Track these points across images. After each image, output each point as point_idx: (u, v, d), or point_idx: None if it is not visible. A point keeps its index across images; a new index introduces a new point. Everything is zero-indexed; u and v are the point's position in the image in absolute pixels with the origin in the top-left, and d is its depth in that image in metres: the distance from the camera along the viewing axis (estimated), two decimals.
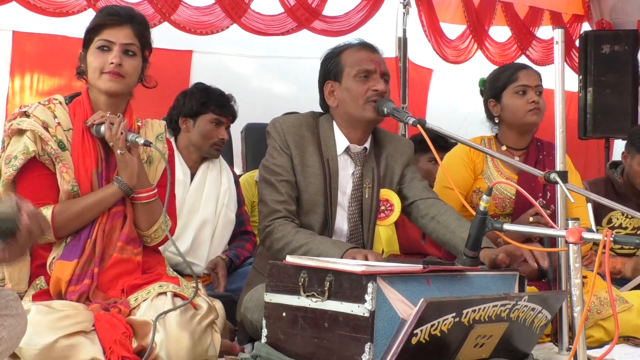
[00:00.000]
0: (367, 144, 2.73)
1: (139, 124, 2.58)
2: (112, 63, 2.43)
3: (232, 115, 3.50)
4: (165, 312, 2.27)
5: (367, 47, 2.72)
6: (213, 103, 3.41)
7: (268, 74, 6.38)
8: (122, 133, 2.40)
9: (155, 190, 2.51)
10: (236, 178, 3.62)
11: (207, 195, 3.40)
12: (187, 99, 3.43)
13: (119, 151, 2.39)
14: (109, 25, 2.45)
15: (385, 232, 2.67)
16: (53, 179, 2.40)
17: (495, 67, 6.96)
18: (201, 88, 3.48)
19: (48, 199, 2.39)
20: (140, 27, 2.51)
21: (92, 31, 2.46)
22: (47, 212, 2.35)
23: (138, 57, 2.49)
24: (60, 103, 2.48)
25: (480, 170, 3.17)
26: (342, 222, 2.68)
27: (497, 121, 3.23)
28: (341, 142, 2.69)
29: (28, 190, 2.36)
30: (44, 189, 2.39)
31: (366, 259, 2.28)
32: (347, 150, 2.70)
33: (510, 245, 2.43)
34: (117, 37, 2.45)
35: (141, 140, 2.42)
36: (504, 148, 3.21)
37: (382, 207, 2.71)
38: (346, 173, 2.69)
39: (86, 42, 2.49)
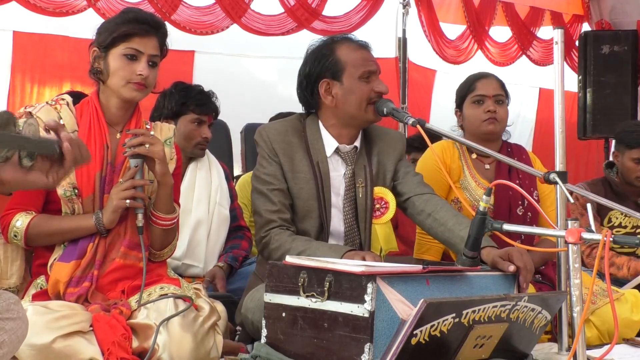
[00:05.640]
0: (357, 143, 2.72)
1: (148, 126, 2.57)
2: (140, 74, 2.41)
3: (214, 112, 3.44)
4: (169, 318, 2.27)
5: (364, 46, 2.70)
6: (192, 103, 3.34)
7: (270, 74, 6.40)
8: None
9: (176, 219, 2.52)
10: (227, 173, 3.57)
11: (199, 196, 3.35)
12: (167, 101, 3.35)
13: (127, 202, 2.37)
14: (138, 34, 2.42)
15: (382, 230, 2.66)
16: None
17: (496, 67, 6.99)
18: (180, 88, 3.40)
19: (32, 205, 2.40)
20: (163, 38, 2.50)
21: (120, 37, 2.42)
22: (25, 219, 2.36)
23: (157, 67, 2.49)
24: (67, 104, 2.46)
25: (457, 178, 3.14)
26: (338, 224, 2.66)
27: (463, 131, 3.26)
28: (330, 143, 2.67)
29: (15, 192, 2.38)
30: (31, 194, 2.39)
31: (364, 260, 2.27)
32: (337, 151, 2.68)
33: (513, 248, 2.42)
34: (146, 48, 2.43)
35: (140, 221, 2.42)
36: (474, 156, 3.20)
37: (377, 206, 2.69)
38: (338, 174, 2.67)
39: (109, 44, 2.43)
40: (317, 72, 2.66)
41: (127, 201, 2.37)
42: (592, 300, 2.94)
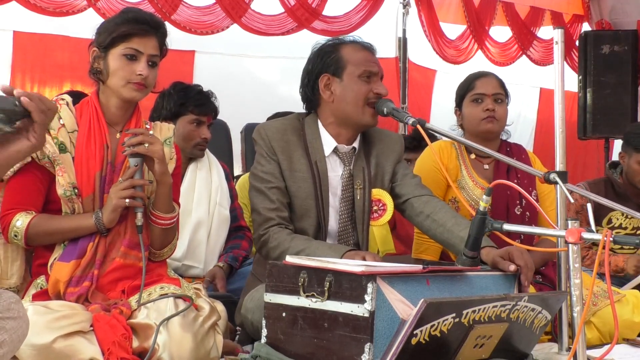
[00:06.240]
0: (356, 144, 2.72)
1: (148, 126, 2.57)
2: (140, 74, 2.41)
3: (213, 112, 3.42)
4: (169, 317, 2.27)
5: (368, 48, 2.71)
6: (191, 103, 3.33)
7: (270, 74, 6.40)
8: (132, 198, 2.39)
9: (175, 218, 2.52)
10: (227, 172, 3.56)
11: (199, 196, 3.34)
12: (165, 101, 3.33)
13: (126, 201, 2.37)
14: (137, 34, 2.43)
15: (379, 232, 2.67)
16: (43, 185, 2.40)
17: (497, 67, 6.99)
18: (179, 89, 3.39)
19: (32, 205, 2.40)
20: (163, 37, 2.50)
21: (120, 37, 2.42)
22: (25, 219, 2.36)
23: (157, 66, 2.50)
24: (67, 104, 2.47)
25: (454, 178, 3.14)
26: (335, 224, 2.66)
27: (463, 130, 3.27)
28: (328, 143, 2.67)
29: (15, 191, 2.39)
30: (31, 194, 2.40)
31: (364, 260, 2.27)
32: (335, 151, 2.68)
33: (513, 247, 2.42)
34: (145, 48, 2.43)
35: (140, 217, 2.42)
36: (472, 156, 3.20)
37: (375, 207, 2.68)
38: (336, 174, 2.67)
39: (108, 44, 2.43)
40: (319, 67, 2.67)
41: (127, 200, 2.37)
42: (593, 302, 2.93)
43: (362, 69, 2.63)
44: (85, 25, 5.01)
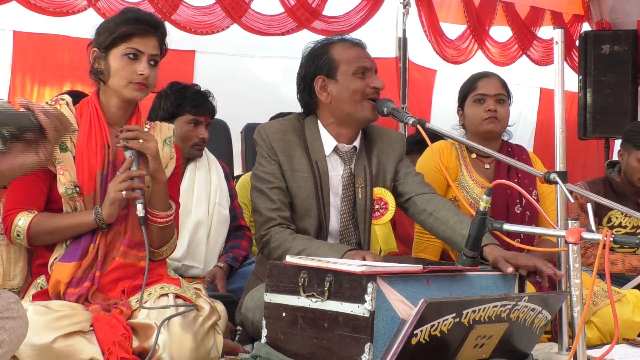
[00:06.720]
0: (357, 143, 2.72)
1: (147, 126, 2.58)
2: (141, 74, 2.41)
3: (210, 112, 3.41)
4: (170, 317, 2.28)
5: (357, 44, 2.71)
6: (188, 103, 3.32)
7: (271, 74, 6.40)
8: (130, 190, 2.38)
9: (172, 216, 2.52)
10: (226, 172, 3.56)
11: (198, 196, 3.34)
12: (163, 102, 3.32)
13: (123, 193, 2.37)
14: (138, 34, 2.43)
15: (381, 231, 2.67)
16: (45, 184, 2.41)
17: (497, 67, 6.98)
18: (175, 89, 3.37)
19: (33, 205, 2.40)
20: (163, 37, 2.51)
21: (120, 37, 2.42)
22: (27, 218, 2.36)
23: (157, 66, 2.50)
24: (67, 103, 2.47)
25: (453, 177, 3.15)
26: (337, 223, 2.67)
27: (465, 130, 3.28)
28: (328, 142, 2.67)
29: (17, 191, 2.39)
30: (33, 193, 2.40)
31: (364, 260, 2.27)
32: (335, 150, 2.68)
33: (520, 254, 2.43)
34: (146, 47, 2.44)
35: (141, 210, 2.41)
36: (473, 156, 3.22)
37: (377, 206, 2.69)
38: (337, 174, 2.67)
39: (109, 44, 2.43)
40: (312, 71, 2.67)
41: (123, 192, 2.37)
42: (593, 302, 2.94)
43: (355, 66, 2.63)
44: (85, 25, 5.00)
